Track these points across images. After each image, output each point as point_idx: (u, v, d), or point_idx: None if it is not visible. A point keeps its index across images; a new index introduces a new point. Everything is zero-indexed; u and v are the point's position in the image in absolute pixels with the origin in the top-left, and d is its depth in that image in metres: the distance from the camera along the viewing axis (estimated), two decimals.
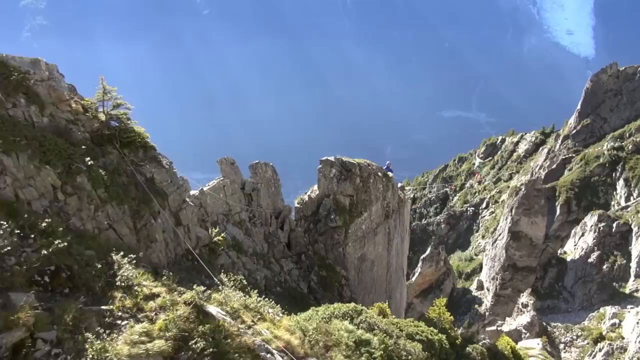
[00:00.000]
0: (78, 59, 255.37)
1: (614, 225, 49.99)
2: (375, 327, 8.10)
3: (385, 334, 8.07)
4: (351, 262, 11.62)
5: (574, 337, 37.40)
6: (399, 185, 15.48)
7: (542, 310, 51.39)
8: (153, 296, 7.02)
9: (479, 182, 78.97)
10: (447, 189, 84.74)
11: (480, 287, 58.80)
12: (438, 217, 79.54)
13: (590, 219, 52.24)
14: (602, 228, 50.39)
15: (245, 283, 9.34)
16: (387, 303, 11.62)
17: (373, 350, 7.58)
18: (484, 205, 76.03)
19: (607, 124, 62.87)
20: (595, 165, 60.32)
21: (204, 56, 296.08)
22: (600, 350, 34.66)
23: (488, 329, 41.67)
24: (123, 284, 7.10)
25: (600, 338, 35.41)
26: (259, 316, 7.27)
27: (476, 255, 68.89)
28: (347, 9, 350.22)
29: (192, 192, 11.91)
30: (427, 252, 59.90)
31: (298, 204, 12.40)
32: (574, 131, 65.18)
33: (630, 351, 33.18)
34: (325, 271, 11.67)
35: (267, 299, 8.02)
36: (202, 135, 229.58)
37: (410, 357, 7.89)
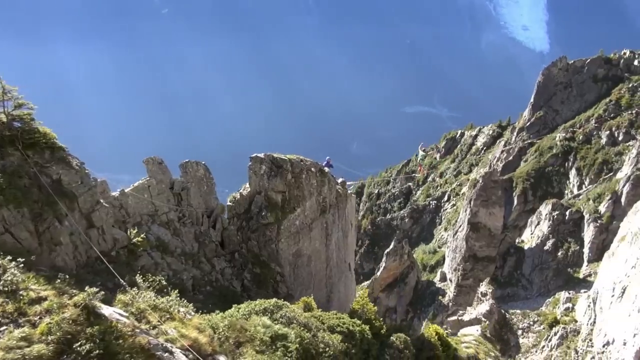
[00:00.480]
0: (31, 61, 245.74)
1: (567, 213, 51.74)
2: (294, 322, 7.99)
3: (303, 328, 7.98)
4: (285, 258, 11.49)
5: (531, 323, 38.50)
6: (340, 180, 15.42)
7: (502, 299, 52.76)
8: (39, 300, 6.76)
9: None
10: (413, 178, 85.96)
11: (443, 278, 59.85)
12: (402, 212, 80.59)
13: (545, 208, 53.90)
14: (556, 216, 52.07)
15: (165, 283, 9.06)
16: (329, 297, 11.53)
17: (289, 345, 7.50)
18: (445, 198, 77.46)
19: (558, 116, 65.05)
20: (549, 156, 62.30)
21: (164, 56, 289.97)
22: (555, 334, 35.83)
23: (449, 319, 42.52)
24: (7, 289, 6.78)
25: (555, 322, 36.58)
26: (168, 316, 7.08)
27: (439, 247, 70.11)
28: (309, 6, 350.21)
29: (113, 194, 11.48)
30: (391, 246, 60.57)
31: (230, 202, 12.18)
32: (528, 123, 67.16)
33: (582, 333, 34.42)
34: (260, 268, 11.51)
35: (186, 299, 7.81)
36: (164, 136, 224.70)
37: (327, 349, 7.83)
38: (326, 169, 12.11)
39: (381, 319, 9.37)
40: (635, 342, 27.53)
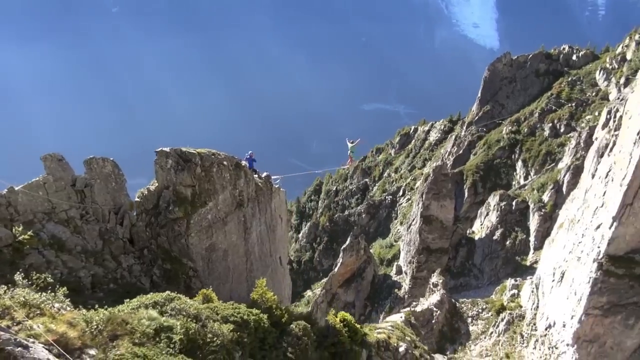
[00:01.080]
0: None
1: (514, 203, 53.68)
2: (184, 313, 7.95)
3: (193, 319, 7.95)
4: (197, 252, 11.35)
5: (480, 310, 39.73)
6: (264, 174, 15.41)
7: (455, 289, 54.25)
8: None
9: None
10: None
11: (399, 271, 60.82)
12: (358, 208, 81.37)
13: (493, 199, 55.71)
14: (503, 207, 53.93)
15: (51, 281, 8.80)
16: (250, 291, 11.51)
17: (173, 336, 7.44)
18: (400, 193, 78.76)
19: (504, 110, 67.39)
20: (497, 149, 64.40)
21: (115, 56, 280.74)
22: (502, 320, 37.14)
23: (402, 310, 43.27)
24: None
25: (502, 309, 37.88)
26: (38, 312, 6.87)
27: (396, 241, 71.21)
28: (263, 4, 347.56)
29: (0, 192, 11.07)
30: (347, 242, 61.09)
31: (138, 197, 11.93)
32: (476, 118, 69.24)
33: (527, 318, 35.85)
34: (170, 264, 11.33)
35: (83, 297, 7.58)
36: (118, 138, 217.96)
37: (215, 338, 7.82)
38: (243, 162, 11.99)
39: (283, 307, 9.40)
40: (572, 323, 28.93)
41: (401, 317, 16.87)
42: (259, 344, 8.71)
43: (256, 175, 14.97)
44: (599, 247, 27.56)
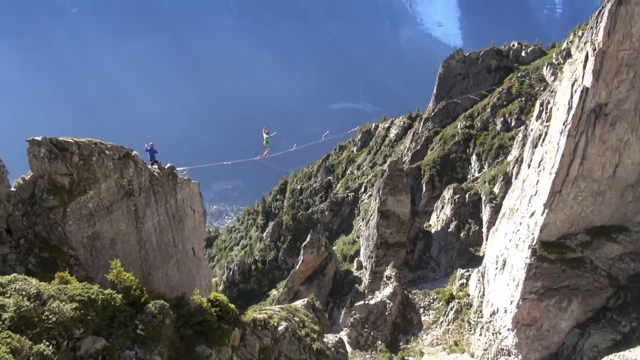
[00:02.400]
0: None
1: (467, 196, 55.01)
2: (23, 293, 8.16)
3: (31, 298, 8.19)
4: (78, 240, 11.40)
5: (431, 301, 40.65)
6: (168, 165, 15.62)
7: (414, 281, 55.23)
8: None
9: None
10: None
11: (359, 267, 61.47)
12: (321, 205, 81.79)
13: (448, 193, 56.96)
14: (457, 200, 55.20)
15: None
16: (146, 279, 11.67)
17: (3, 313, 7.72)
18: (362, 189, 79.57)
19: (459, 105, 68.97)
20: (452, 144, 65.85)
21: (75, 58, 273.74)
22: (451, 309, 38.15)
23: (356, 304, 43.87)
24: None
25: (451, 298, 38.88)
26: None
27: (358, 237, 71.90)
28: (229, 5, 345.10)
29: None
30: (307, 239, 61.33)
31: (14, 187, 11.90)
32: (432, 114, 70.61)
33: (474, 306, 36.93)
34: (49, 252, 11.37)
35: None
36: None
37: (52, 315, 8.06)
38: (134, 152, 12.07)
39: (143, 287, 9.60)
40: (511, 308, 30.00)
41: (303, 302, 17.22)
42: (108, 321, 8.90)
43: (156, 166, 15.08)
44: (533, 233, 28.71)
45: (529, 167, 31.83)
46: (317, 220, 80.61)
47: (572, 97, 25.70)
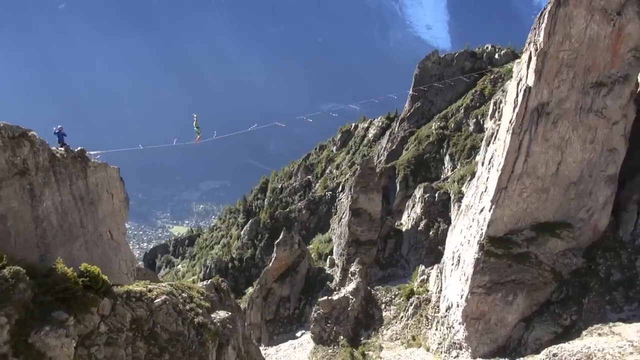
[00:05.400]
0: None
1: (437, 195, 55.72)
2: None
3: None
4: None
5: (393, 297, 41.29)
6: (78, 149, 16.08)
7: (384, 279, 55.71)
8: None
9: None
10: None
11: (332, 264, 61.94)
12: (299, 204, 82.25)
13: (418, 192, 57.67)
14: (427, 198, 55.91)
15: None
16: (43, 257, 12.03)
17: None
18: (340, 188, 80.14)
19: (434, 106, 69.82)
20: (427, 144, 66.59)
21: (62, 54, 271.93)
22: (411, 304, 38.81)
23: (320, 299, 44.38)
24: None
25: (412, 294, 39.53)
26: None
27: (334, 236, 72.41)
28: (219, 3, 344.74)
29: None
30: (280, 237, 61.71)
31: None
32: (408, 114, 71.40)
33: (432, 301, 37.61)
34: None
35: None
36: (67, 138, 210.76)
37: None
38: (31, 132, 12.30)
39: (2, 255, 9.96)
40: (462, 302, 30.68)
41: (207, 282, 17.61)
42: None
43: (62, 148, 15.53)
44: (482, 229, 29.42)
45: (482, 165, 32.57)
46: (295, 218, 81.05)
47: (517, 96, 26.45)
